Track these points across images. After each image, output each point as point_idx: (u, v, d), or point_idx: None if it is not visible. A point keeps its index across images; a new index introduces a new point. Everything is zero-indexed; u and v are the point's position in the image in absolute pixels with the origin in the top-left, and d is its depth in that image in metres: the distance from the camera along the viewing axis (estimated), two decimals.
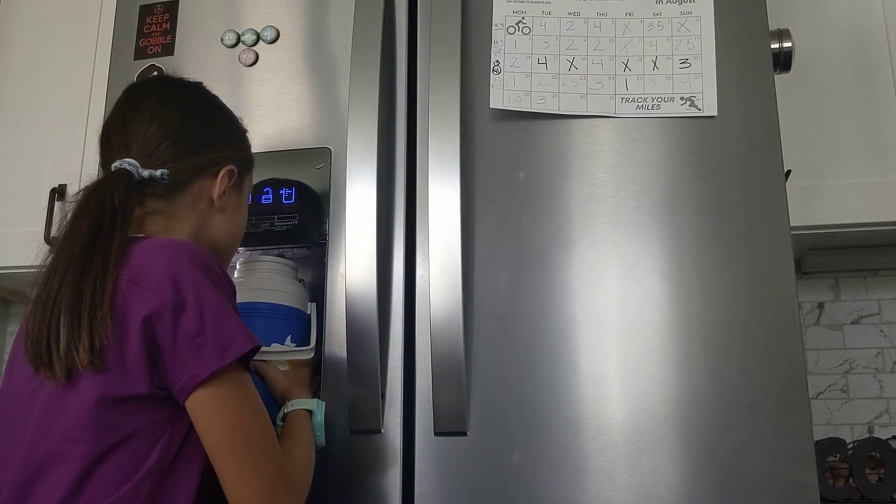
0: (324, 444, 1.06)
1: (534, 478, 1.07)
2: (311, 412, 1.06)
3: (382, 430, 1.12)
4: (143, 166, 0.97)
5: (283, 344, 1.14)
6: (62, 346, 0.84)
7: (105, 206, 0.92)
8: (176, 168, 0.99)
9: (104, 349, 0.84)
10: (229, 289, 0.93)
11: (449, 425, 1.10)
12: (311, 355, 1.15)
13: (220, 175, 1.03)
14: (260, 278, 1.17)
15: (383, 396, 1.12)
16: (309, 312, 1.19)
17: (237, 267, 1.22)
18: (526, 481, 1.07)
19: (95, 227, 0.91)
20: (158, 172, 0.98)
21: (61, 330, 0.85)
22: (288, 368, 1.13)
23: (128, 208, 0.94)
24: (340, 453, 1.12)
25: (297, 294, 1.18)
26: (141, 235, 0.96)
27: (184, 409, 0.87)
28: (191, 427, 0.88)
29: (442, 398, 1.10)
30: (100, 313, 0.85)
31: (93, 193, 0.94)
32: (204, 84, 1.10)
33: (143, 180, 0.97)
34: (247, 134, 1.12)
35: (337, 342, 1.16)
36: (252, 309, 1.13)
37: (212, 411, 0.86)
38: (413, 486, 1.10)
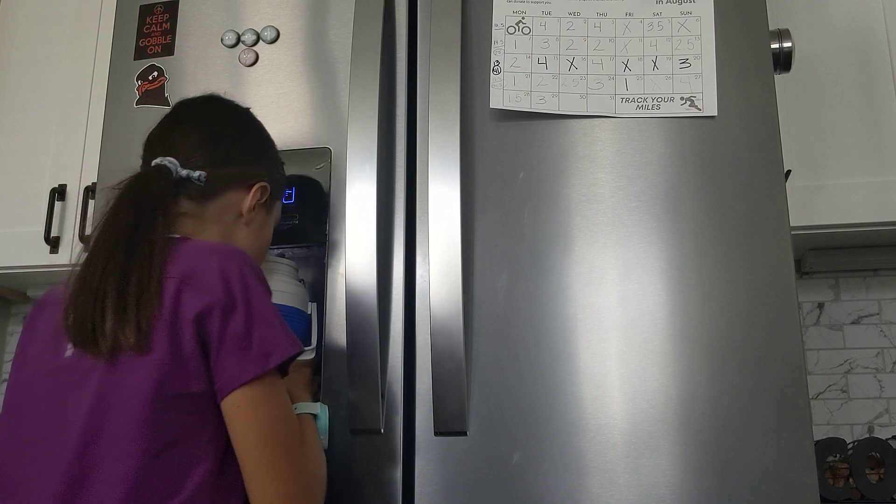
0: (326, 446, 1.06)
1: (534, 478, 1.07)
2: (315, 415, 1.06)
3: (382, 430, 1.12)
4: (182, 167, 1.00)
5: None
6: (108, 324, 0.86)
7: (146, 196, 0.96)
8: (212, 174, 1.02)
9: (151, 332, 0.86)
10: (268, 290, 0.96)
11: (449, 425, 1.10)
12: (313, 356, 1.15)
13: (254, 190, 1.06)
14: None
15: (383, 396, 1.12)
16: (309, 312, 1.19)
17: None
18: (526, 481, 1.07)
19: (138, 216, 0.94)
20: (196, 174, 1.01)
21: (107, 309, 0.87)
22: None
23: (167, 202, 0.97)
24: (340, 453, 1.12)
25: (297, 294, 1.18)
26: (178, 236, 0.98)
27: None
28: None
29: (442, 398, 1.10)
30: (147, 296, 0.87)
31: (135, 182, 0.97)
32: (251, 111, 1.14)
33: (180, 179, 1.00)
34: (282, 164, 1.15)
35: (337, 342, 1.16)
36: None
37: (247, 413, 0.88)
38: (413, 486, 1.10)
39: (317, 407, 1.07)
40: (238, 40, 1.33)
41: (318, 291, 1.21)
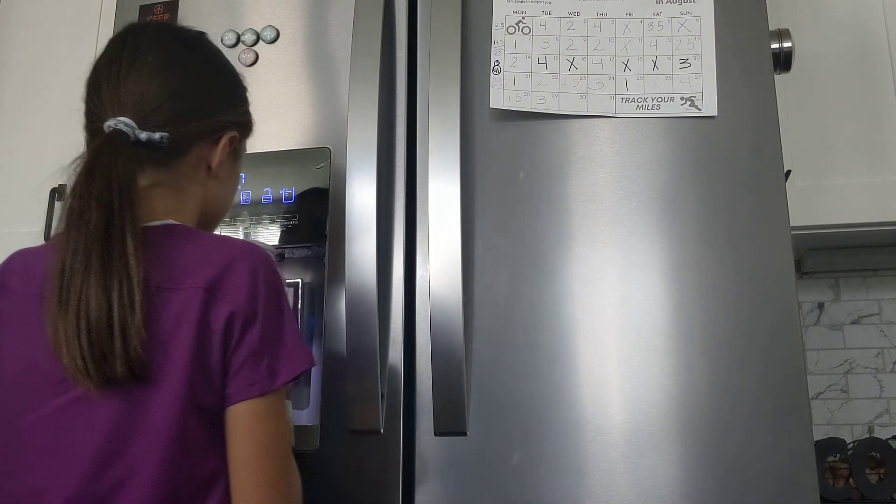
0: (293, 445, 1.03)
1: (534, 478, 1.07)
2: None
3: (382, 430, 1.11)
4: (141, 127, 0.88)
5: None
6: (96, 356, 0.79)
7: (112, 184, 0.84)
8: (176, 132, 0.91)
9: (146, 361, 0.80)
10: (287, 297, 0.92)
11: (449, 425, 1.10)
12: None
13: (223, 143, 0.96)
14: None
15: (383, 396, 1.12)
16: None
17: None
18: (526, 481, 1.07)
19: (107, 214, 0.82)
20: (157, 136, 0.89)
21: (93, 340, 0.79)
22: None
23: (132, 183, 0.86)
24: (340, 453, 1.12)
25: None
26: (160, 223, 0.90)
27: None
28: None
29: (442, 398, 1.10)
30: (132, 320, 0.79)
31: (94, 170, 0.85)
32: (207, 35, 1.03)
33: (139, 142, 0.88)
34: (247, 93, 1.05)
35: (337, 342, 1.15)
36: None
37: (248, 426, 0.85)
38: (413, 486, 1.10)
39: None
40: (238, 40, 1.33)
41: (317, 291, 1.21)
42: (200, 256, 0.87)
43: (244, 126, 1.03)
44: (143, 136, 0.88)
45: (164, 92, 0.91)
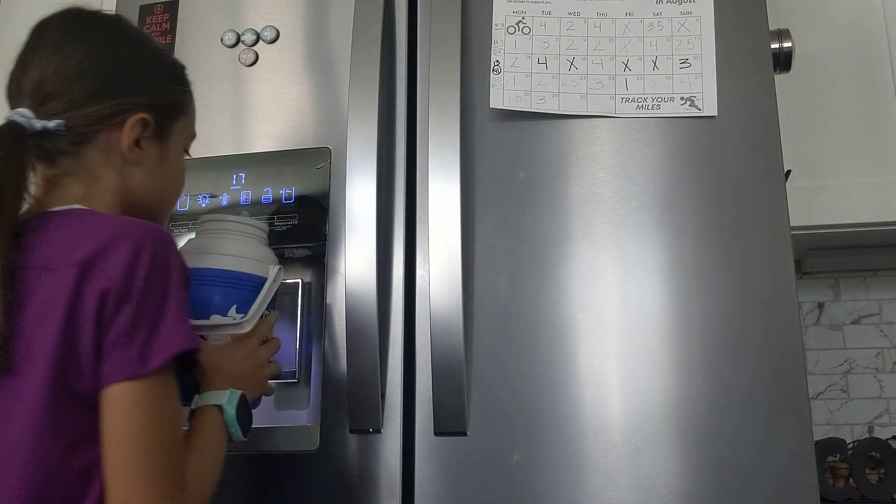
0: (243, 438, 0.96)
1: (534, 478, 1.07)
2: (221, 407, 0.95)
3: (382, 430, 1.12)
4: (38, 116, 0.86)
5: (224, 315, 1.02)
6: None
7: None
8: (73, 118, 0.87)
9: (8, 351, 0.77)
10: (181, 276, 0.84)
11: (449, 425, 1.10)
12: (246, 329, 1.02)
13: (127, 127, 0.90)
14: (212, 241, 1.06)
15: (383, 396, 1.12)
16: (273, 279, 1.06)
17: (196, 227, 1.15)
18: (526, 481, 1.07)
19: None
20: (52, 123, 0.86)
21: None
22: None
23: (19, 175, 0.83)
24: (340, 453, 1.12)
25: (256, 258, 1.06)
26: (63, 208, 0.87)
27: None
28: None
29: (442, 398, 1.10)
30: None
31: None
32: (122, 17, 0.99)
33: (37, 133, 0.85)
34: (182, 72, 0.99)
35: (337, 342, 1.16)
36: (199, 276, 1.01)
37: (117, 410, 0.79)
38: (413, 486, 1.10)
39: (223, 396, 0.94)
40: (238, 40, 1.33)
41: (318, 291, 1.21)
42: (84, 234, 0.82)
43: (165, 106, 0.95)
44: (39, 125, 0.85)
45: (61, 76, 0.88)
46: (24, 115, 0.85)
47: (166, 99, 0.96)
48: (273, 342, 1.08)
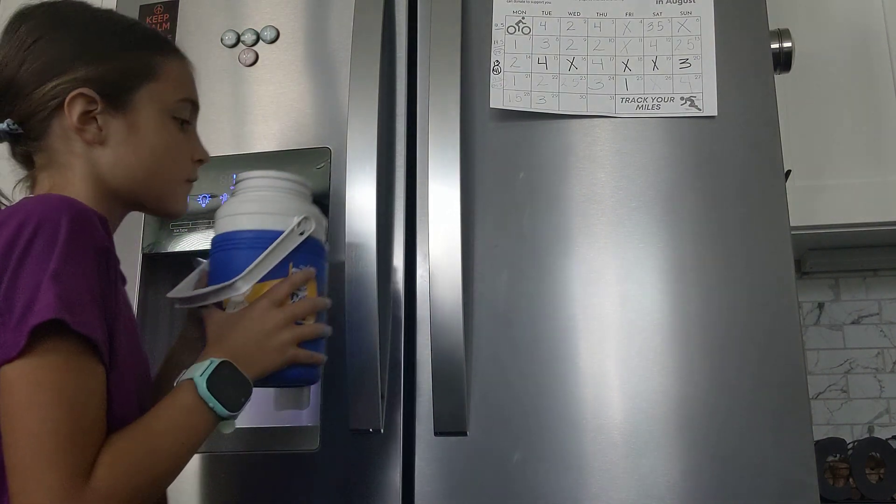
0: (228, 413, 0.83)
1: (534, 477, 1.07)
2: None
3: (382, 430, 1.11)
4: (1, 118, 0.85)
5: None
6: None
7: None
8: (21, 112, 0.86)
9: None
10: (76, 248, 0.75)
11: (449, 425, 1.10)
12: (241, 290, 0.93)
13: (66, 105, 0.85)
14: (235, 201, 0.99)
15: (383, 396, 1.12)
16: (290, 231, 0.95)
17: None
18: (526, 481, 1.07)
19: None
20: (5, 125, 0.85)
21: None
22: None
23: None
24: (340, 453, 1.12)
25: (280, 212, 0.96)
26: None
27: None
28: None
29: (442, 398, 1.10)
30: None
31: None
32: (81, 4, 0.93)
33: (3, 137, 0.86)
34: (145, 36, 0.93)
35: (337, 342, 1.15)
36: (222, 241, 0.96)
37: (4, 394, 0.72)
38: (413, 486, 1.10)
39: (199, 368, 0.83)
40: (238, 40, 1.33)
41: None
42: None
43: (114, 78, 0.88)
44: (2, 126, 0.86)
45: (5, 74, 0.86)
46: None
47: (114, 67, 0.88)
48: (303, 302, 0.94)
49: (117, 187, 0.89)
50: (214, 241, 0.98)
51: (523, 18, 1.22)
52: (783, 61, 1.24)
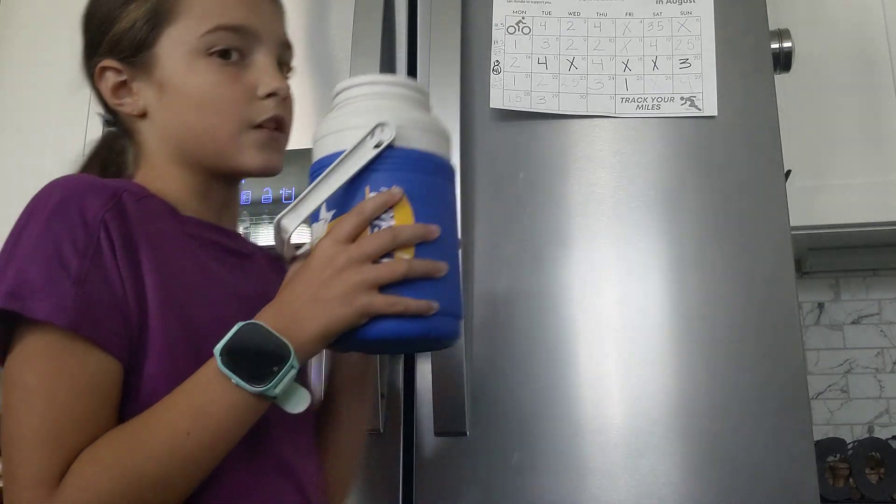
0: (251, 389, 0.64)
1: (533, 478, 1.07)
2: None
3: (382, 430, 1.11)
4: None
5: (318, 220, 0.73)
6: None
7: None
8: (99, 97, 0.82)
9: None
10: (57, 222, 0.67)
11: (449, 425, 1.10)
12: (286, 234, 0.73)
13: (95, 82, 0.80)
14: (324, 122, 0.75)
15: (383, 396, 1.12)
16: (373, 143, 0.70)
17: None
18: (526, 481, 1.07)
19: None
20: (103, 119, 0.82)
21: None
22: None
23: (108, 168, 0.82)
24: None
25: (358, 126, 0.71)
26: None
27: None
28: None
29: (442, 398, 1.10)
30: None
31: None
32: None
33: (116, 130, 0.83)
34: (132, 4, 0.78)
35: None
36: (311, 174, 0.75)
37: None
38: (413, 486, 1.10)
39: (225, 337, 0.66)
40: None
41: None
42: None
43: (129, 36, 0.77)
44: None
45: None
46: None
47: (121, 26, 0.78)
48: (379, 233, 0.68)
49: (181, 157, 0.78)
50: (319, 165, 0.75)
51: (523, 18, 1.22)
52: (783, 61, 1.24)
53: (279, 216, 0.72)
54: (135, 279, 0.68)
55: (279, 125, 0.79)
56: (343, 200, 0.71)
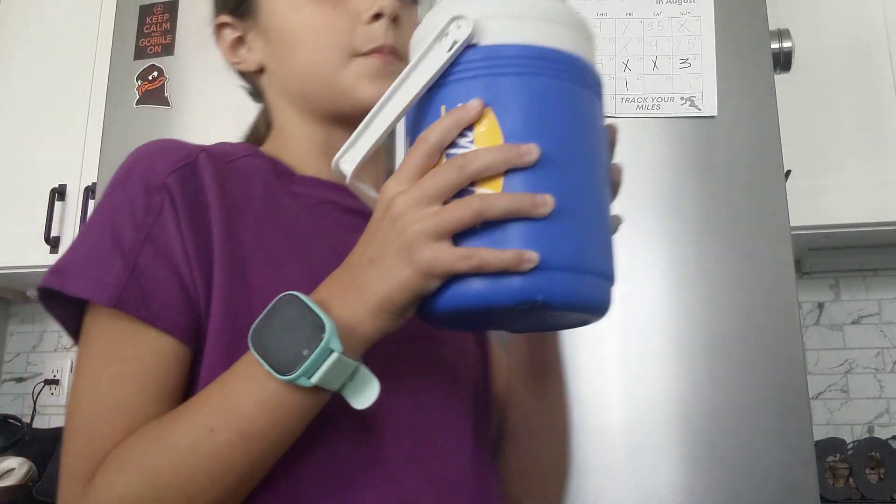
0: (278, 375, 0.51)
1: None
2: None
3: None
4: None
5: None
6: None
7: None
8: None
9: None
10: (131, 193, 0.60)
11: None
12: (345, 178, 0.57)
13: (218, 43, 0.75)
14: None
15: None
16: (446, 47, 0.52)
17: None
18: None
19: None
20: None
21: None
22: None
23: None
24: None
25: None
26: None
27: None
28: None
29: None
30: None
31: None
32: None
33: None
34: None
35: None
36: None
37: None
38: None
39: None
40: None
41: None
42: None
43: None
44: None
45: None
46: None
47: None
48: (451, 162, 0.51)
49: (299, 108, 0.71)
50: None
51: None
52: (783, 61, 1.24)
53: (336, 158, 0.56)
54: (201, 248, 0.59)
55: (393, 51, 0.67)
56: (421, 128, 0.54)
